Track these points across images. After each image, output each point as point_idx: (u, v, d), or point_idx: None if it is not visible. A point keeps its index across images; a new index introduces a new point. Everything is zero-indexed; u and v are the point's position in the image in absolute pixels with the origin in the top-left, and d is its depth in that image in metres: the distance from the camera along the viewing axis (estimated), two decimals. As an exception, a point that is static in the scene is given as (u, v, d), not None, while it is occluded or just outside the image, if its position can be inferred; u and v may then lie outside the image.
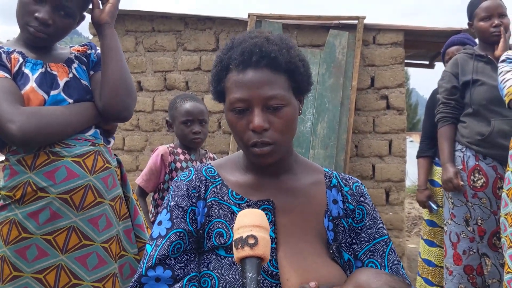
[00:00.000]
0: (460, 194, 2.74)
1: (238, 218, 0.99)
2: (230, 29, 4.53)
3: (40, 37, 1.57)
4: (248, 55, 1.12)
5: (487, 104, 2.68)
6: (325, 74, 4.15)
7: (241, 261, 0.94)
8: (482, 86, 2.71)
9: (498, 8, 2.75)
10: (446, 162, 2.79)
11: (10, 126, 1.41)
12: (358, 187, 1.29)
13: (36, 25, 1.54)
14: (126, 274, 1.66)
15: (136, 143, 4.64)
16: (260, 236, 0.95)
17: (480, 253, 2.70)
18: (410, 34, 4.41)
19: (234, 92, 1.13)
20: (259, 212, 1.00)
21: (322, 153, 4.06)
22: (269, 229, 0.99)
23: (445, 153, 2.83)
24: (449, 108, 2.85)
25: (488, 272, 2.68)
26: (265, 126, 1.11)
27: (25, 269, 1.48)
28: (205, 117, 2.65)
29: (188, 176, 1.23)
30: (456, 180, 2.70)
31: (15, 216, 1.49)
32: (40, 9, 1.53)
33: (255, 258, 0.93)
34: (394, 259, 1.22)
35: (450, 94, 2.85)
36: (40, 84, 1.54)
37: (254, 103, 1.11)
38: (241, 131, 1.14)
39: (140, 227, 1.73)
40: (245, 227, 0.96)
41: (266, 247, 0.95)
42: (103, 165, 1.61)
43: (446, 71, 2.94)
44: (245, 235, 0.95)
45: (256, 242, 0.94)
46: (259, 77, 1.11)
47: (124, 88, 1.61)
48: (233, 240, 0.96)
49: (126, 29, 4.66)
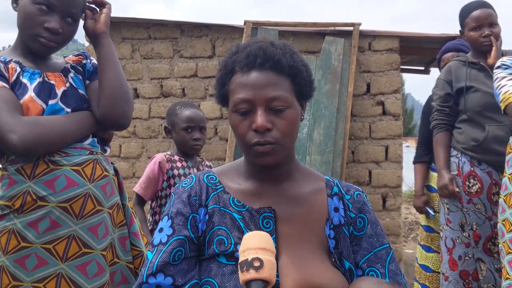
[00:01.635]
0: (455, 200, 2.75)
1: (244, 240, 0.99)
2: (226, 36, 4.55)
3: (52, 47, 1.57)
4: (253, 57, 1.14)
5: (482, 110, 2.70)
6: (321, 81, 4.17)
7: (246, 284, 0.93)
8: (476, 92, 2.73)
9: (488, 18, 2.76)
10: (442, 169, 2.81)
11: (11, 136, 1.41)
12: (360, 195, 1.29)
13: (48, 35, 1.54)
14: (117, 281, 1.66)
15: (133, 150, 4.63)
16: (265, 259, 0.94)
17: (476, 258, 2.71)
18: (406, 40, 4.43)
19: (238, 93, 1.14)
20: (265, 235, 1.00)
21: (318, 159, 4.07)
22: (274, 252, 0.98)
23: (440, 159, 2.84)
24: (444, 115, 2.86)
25: (484, 277, 2.69)
26: (268, 126, 1.12)
27: (25, 278, 1.47)
28: (204, 124, 2.68)
29: (190, 183, 1.23)
30: (451, 186, 2.71)
31: (14, 226, 1.48)
32: (49, 19, 1.53)
33: (261, 281, 0.93)
34: (394, 267, 1.22)
35: (444, 101, 2.86)
36: (39, 94, 1.54)
37: (257, 103, 1.12)
38: (243, 131, 1.15)
39: (136, 235, 1.73)
40: (251, 249, 0.96)
41: (271, 270, 0.94)
42: (101, 173, 1.61)
43: (439, 78, 2.96)
44: (250, 258, 0.94)
45: (261, 265, 0.93)
46: (262, 78, 1.13)
47: (122, 96, 1.62)
48: (239, 262, 0.96)
49: (122, 37, 4.67)
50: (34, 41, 1.56)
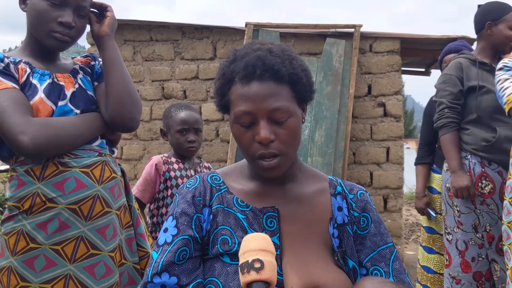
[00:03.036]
0: (468, 201, 2.69)
1: (244, 243, 0.99)
2: (228, 38, 4.56)
3: (66, 41, 1.57)
4: (251, 68, 1.13)
5: (492, 111, 2.66)
6: (323, 82, 4.18)
7: (248, 286, 0.93)
8: (489, 94, 2.69)
9: None
10: (459, 169, 2.71)
11: (22, 137, 1.41)
12: (363, 194, 1.30)
13: (61, 29, 1.54)
14: (124, 282, 1.66)
15: (134, 152, 4.64)
16: (266, 260, 0.94)
17: (490, 259, 2.68)
18: (406, 42, 4.45)
19: (239, 105, 1.14)
20: (265, 236, 1.00)
21: (320, 160, 4.07)
22: (275, 253, 0.99)
23: (455, 159, 2.73)
24: (455, 113, 2.78)
25: (498, 278, 2.65)
26: (271, 138, 1.12)
27: (33, 279, 1.48)
28: (200, 126, 2.65)
29: (194, 184, 1.24)
30: (473, 188, 2.63)
31: (23, 227, 1.48)
32: (62, 13, 1.54)
33: (262, 282, 0.93)
34: (398, 266, 1.22)
35: (456, 98, 2.78)
36: (48, 95, 1.54)
37: (259, 115, 1.12)
38: (247, 143, 1.15)
39: (142, 236, 1.74)
40: (251, 251, 0.96)
41: (272, 271, 0.94)
42: (110, 175, 1.61)
43: (449, 74, 2.86)
44: (250, 260, 0.94)
45: (262, 266, 0.93)
46: (263, 89, 1.12)
47: (130, 99, 1.62)
48: (239, 265, 0.96)
49: (124, 39, 4.68)
50: (49, 37, 1.56)
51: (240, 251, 0.98)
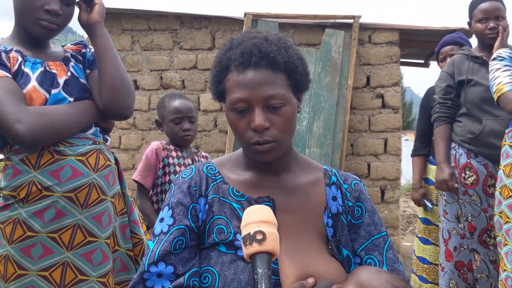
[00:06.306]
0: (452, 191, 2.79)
1: (245, 215, 1.00)
2: (226, 28, 4.54)
3: (53, 29, 1.57)
4: (247, 55, 1.14)
5: (480, 103, 2.72)
6: (321, 73, 4.18)
7: (251, 258, 0.94)
8: (476, 86, 2.75)
9: (496, 11, 2.77)
10: (442, 162, 2.82)
11: (18, 126, 1.41)
12: (357, 184, 1.31)
13: (48, 17, 1.54)
14: (117, 268, 1.68)
15: (133, 141, 4.64)
16: (268, 231, 0.95)
17: (470, 249, 2.74)
18: (405, 33, 4.43)
19: (235, 92, 1.14)
20: (265, 208, 1.01)
21: (318, 151, 4.08)
22: (276, 224, 0.99)
23: (440, 152, 2.85)
24: (445, 108, 2.88)
25: (477, 267, 2.72)
26: (266, 125, 1.13)
27: (30, 267, 1.49)
28: (194, 114, 2.65)
29: (189, 174, 1.25)
30: (451, 182, 2.74)
31: (19, 215, 1.49)
32: (48, 1, 1.53)
33: (265, 253, 0.93)
34: (392, 255, 1.24)
35: (445, 93, 2.88)
36: (41, 83, 1.54)
37: (254, 102, 1.13)
38: (242, 130, 1.16)
39: (135, 223, 1.75)
40: (252, 223, 0.96)
41: (275, 242, 0.95)
42: (104, 162, 1.62)
43: (443, 71, 2.97)
44: (252, 231, 0.95)
45: (264, 237, 0.94)
46: (259, 77, 1.13)
47: (123, 87, 1.62)
48: (241, 237, 0.97)
49: (122, 28, 4.65)
50: (35, 25, 1.55)
51: (242, 223, 0.99)
